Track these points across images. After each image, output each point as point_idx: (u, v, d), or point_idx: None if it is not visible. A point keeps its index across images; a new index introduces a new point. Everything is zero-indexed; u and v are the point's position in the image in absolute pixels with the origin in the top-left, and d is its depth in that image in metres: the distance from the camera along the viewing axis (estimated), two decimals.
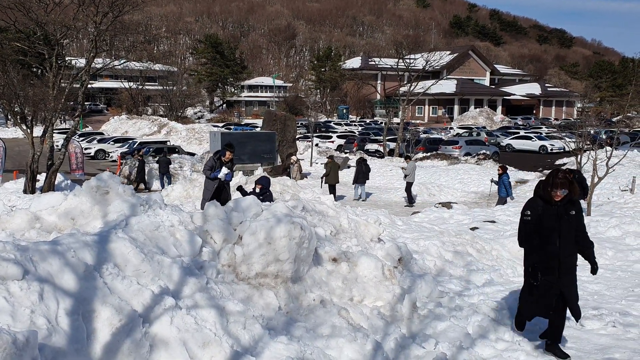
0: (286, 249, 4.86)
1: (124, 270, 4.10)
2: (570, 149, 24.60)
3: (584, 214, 11.46)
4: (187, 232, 4.75)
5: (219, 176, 9.60)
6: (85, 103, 50.96)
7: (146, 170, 22.15)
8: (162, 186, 20.57)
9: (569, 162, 28.32)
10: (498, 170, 16.75)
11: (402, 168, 19.48)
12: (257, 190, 10.24)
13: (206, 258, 4.69)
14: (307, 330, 4.58)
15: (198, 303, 4.15)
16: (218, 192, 9.67)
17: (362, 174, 19.88)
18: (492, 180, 17.32)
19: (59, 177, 19.82)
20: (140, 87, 65.22)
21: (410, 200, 18.94)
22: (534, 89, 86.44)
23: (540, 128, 55.88)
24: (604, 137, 34.82)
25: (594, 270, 5.01)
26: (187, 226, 4.89)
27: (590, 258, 4.96)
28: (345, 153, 35.75)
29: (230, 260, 4.81)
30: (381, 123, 58.29)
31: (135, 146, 32.82)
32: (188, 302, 4.12)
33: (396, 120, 48.46)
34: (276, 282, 4.85)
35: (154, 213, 4.87)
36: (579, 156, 20.69)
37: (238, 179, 14.65)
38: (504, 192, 16.20)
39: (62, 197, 5.12)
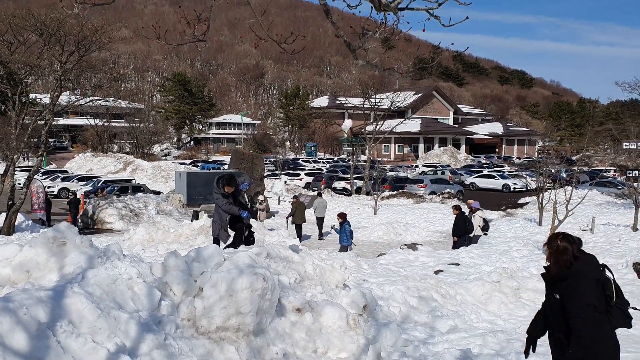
0: (248, 301, 4.79)
1: (79, 328, 3.96)
2: (532, 188, 25.23)
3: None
4: (146, 285, 4.64)
5: (243, 216, 8.44)
6: (50, 140, 49.99)
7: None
8: (75, 225, 21.22)
9: (531, 201, 28.89)
10: (338, 218, 15.59)
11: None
12: (246, 233, 9.86)
13: (165, 312, 4.58)
14: None
15: None
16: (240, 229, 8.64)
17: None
18: (332, 227, 16.48)
19: (20, 217, 19.33)
20: (107, 124, 64.53)
21: (320, 234, 20.50)
22: (496, 128, 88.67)
23: (503, 166, 57.17)
24: (564, 175, 35.79)
25: None
26: (145, 278, 4.78)
27: None
28: (314, 191, 35.81)
29: (190, 314, 4.71)
30: (348, 160, 58.74)
31: (99, 184, 32.30)
32: None
33: (363, 157, 48.90)
34: (237, 335, 4.76)
35: (112, 265, 4.76)
36: (541, 196, 21.20)
37: (203, 221, 14.43)
38: (345, 240, 15.22)
39: (17, 248, 4.97)
